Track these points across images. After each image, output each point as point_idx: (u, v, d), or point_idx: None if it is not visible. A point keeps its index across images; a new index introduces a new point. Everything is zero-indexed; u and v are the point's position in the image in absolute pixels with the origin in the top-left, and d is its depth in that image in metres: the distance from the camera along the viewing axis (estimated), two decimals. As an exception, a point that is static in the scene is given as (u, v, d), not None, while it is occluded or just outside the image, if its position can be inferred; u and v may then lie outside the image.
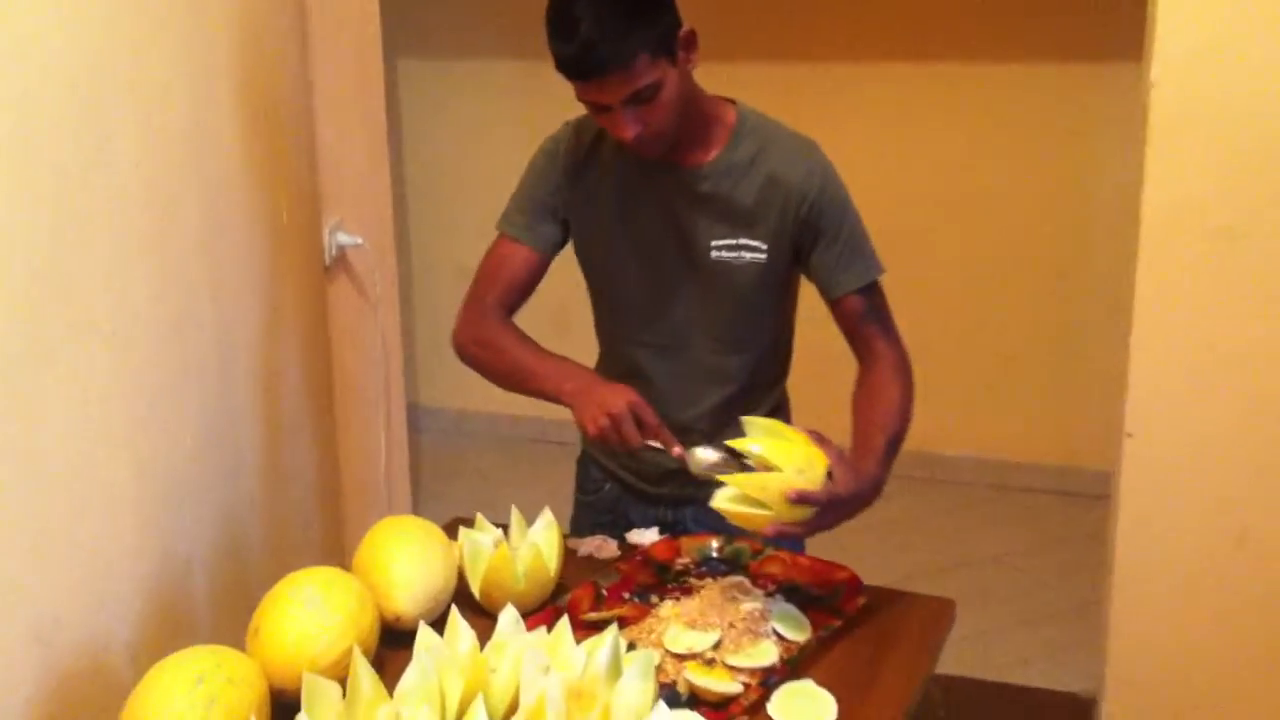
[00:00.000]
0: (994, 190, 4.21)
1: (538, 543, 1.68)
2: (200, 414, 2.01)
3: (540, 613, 1.64)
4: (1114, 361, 2.48)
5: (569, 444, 2.15)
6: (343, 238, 2.84)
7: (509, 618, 1.50)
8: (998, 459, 4.33)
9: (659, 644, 1.58)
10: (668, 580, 1.77)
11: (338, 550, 2.65)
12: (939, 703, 2.88)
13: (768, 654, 1.56)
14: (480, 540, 1.71)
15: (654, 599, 1.72)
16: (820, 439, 1.63)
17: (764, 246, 1.82)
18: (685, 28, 1.70)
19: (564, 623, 1.50)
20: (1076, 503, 4.16)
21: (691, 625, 1.60)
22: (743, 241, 1.82)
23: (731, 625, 1.60)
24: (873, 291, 1.84)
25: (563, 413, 1.82)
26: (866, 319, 1.82)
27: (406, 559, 1.62)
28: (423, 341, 4.78)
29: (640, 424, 1.71)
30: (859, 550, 2.18)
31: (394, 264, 3.11)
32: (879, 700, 1.51)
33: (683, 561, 1.82)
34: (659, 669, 1.51)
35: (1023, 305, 4.27)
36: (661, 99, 1.68)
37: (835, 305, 1.84)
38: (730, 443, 1.64)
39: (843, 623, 1.64)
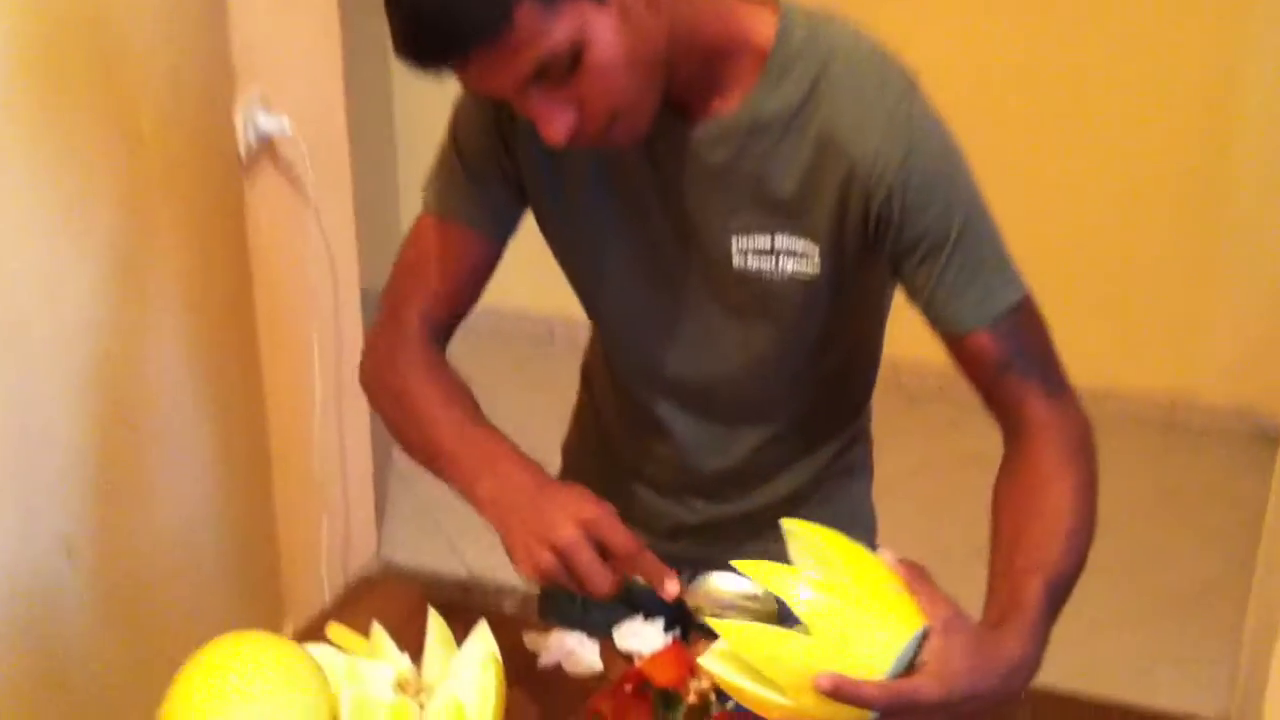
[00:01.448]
0: (1111, 69, 3.40)
1: (459, 697, 1.03)
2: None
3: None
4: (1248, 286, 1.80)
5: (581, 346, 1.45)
6: (265, 121, 2.13)
7: None
8: (1103, 386, 3.60)
9: None
10: (675, 721, 1.12)
11: (269, 604, 2.02)
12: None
13: None
14: (371, 684, 1.06)
15: (650, 765, 1.08)
16: (917, 578, 0.94)
17: (814, 250, 1.11)
18: None
19: None
20: (1197, 443, 3.47)
21: None
22: (781, 242, 1.11)
23: None
24: (1015, 320, 1.09)
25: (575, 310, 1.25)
26: (1007, 368, 1.09)
27: (237, 729, 0.97)
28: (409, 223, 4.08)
29: (606, 551, 1.04)
30: (948, 492, 1.51)
31: (345, 150, 2.40)
32: None
33: (700, 687, 1.15)
34: None
35: (1143, 216, 3.50)
36: (593, 62, 0.96)
37: (952, 346, 1.12)
38: (744, 567, 0.95)
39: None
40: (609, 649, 1.22)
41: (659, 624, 1.22)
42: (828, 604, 0.90)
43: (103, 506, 1.72)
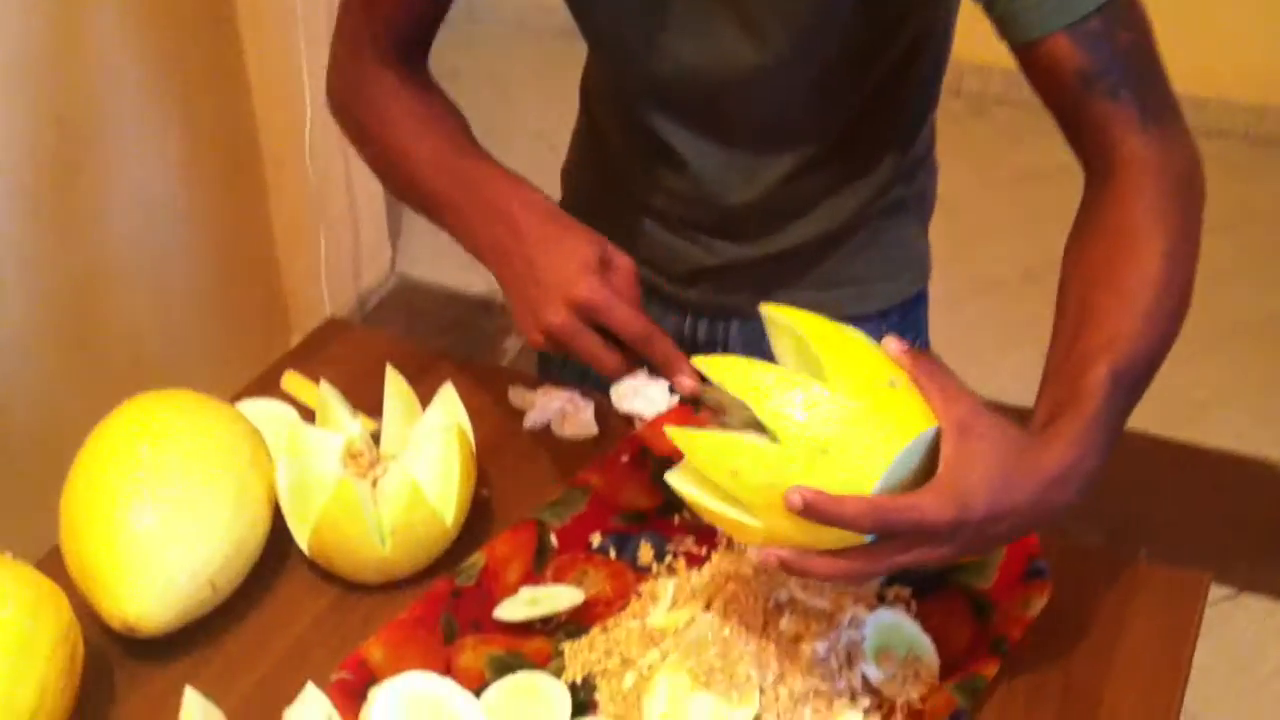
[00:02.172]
0: None
1: (415, 476, 0.87)
2: None
3: (427, 582, 0.88)
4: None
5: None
6: None
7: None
8: (1181, 93, 3.28)
9: (633, 705, 0.81)
10: (676, 502, 0.96)
11: (269, 322, 1.85)
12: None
13: (849, 751, 0.78)
14: (315, 456, 0.90)
15: (642, 552, 0.93)
16: (927, 371, 0.74)
17: None
18: None
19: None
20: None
21: (702, 677, 0.81)
22: None
23: (781, 679, 0.81)
24: (1106, 22, 0.83)
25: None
26: (1091, 85, 0.83)
27: (156, 510, 0.82)
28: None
29: (612, 329, 0.86)
30: (1008, 211, 1.32)
31: None
32: None
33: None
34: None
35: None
36: None
37: (1024, 56, 0.86)
38: (701, 364, 0.76)
39: (1003, 659, 0.83)
40: (606, 410, 1.05)
41: (664, 382, 1.04)
42: (804, 406, 0.70)
43: (37, 222, 1.54)
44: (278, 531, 0.89)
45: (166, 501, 0.82)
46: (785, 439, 0.70)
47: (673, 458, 0.94)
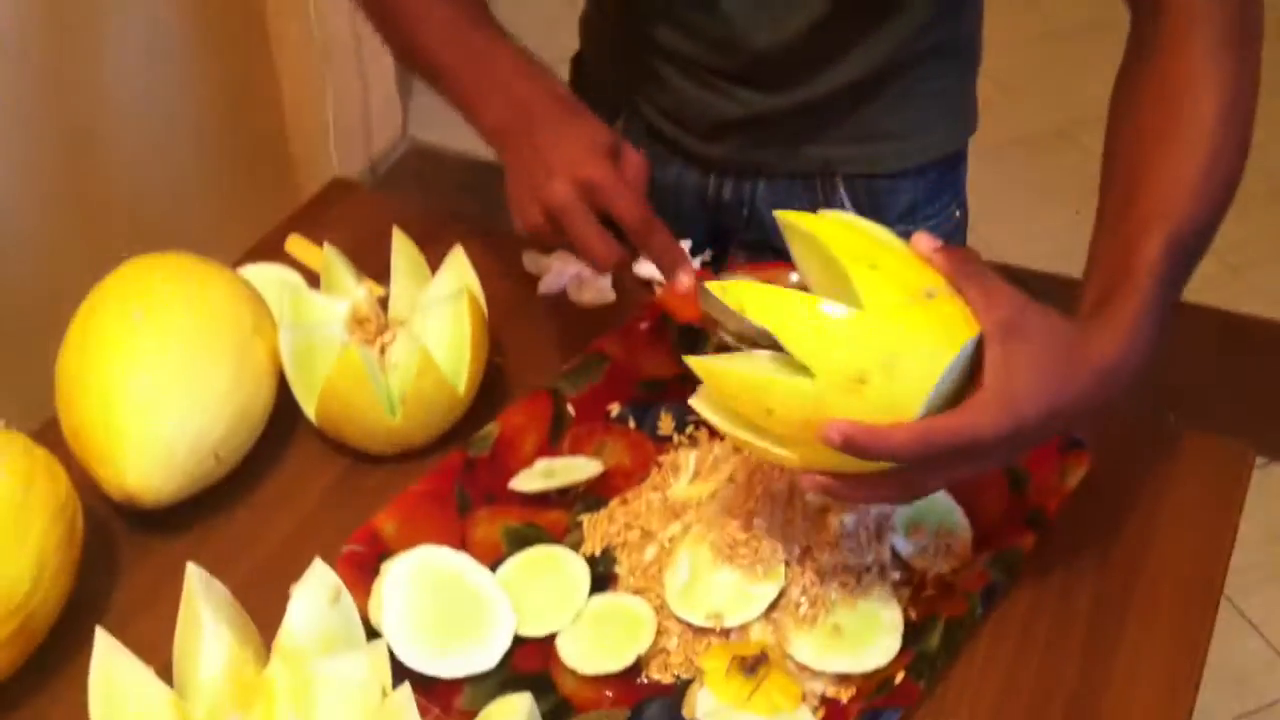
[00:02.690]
0: None
1: (425, 342, 0.83)
2: None
3: (440, 453, 0.85)
4: None
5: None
6: None
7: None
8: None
9: (654, 579, 0.78)
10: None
11: (277, 186, 1.79)
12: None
13: (878, 628, 0.75)
14: (320, 325, 0.86)
15: (662, 422, 0.89)
16: (965, 271, 0.67)
17: None
18: None
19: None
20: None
21: (725, 550, 0.77)
22: None
23: (807, 553, 0.77)
24: None
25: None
26: None
27: (151, 376, 0.78)
28: None
29: (614, 215, 0.79)
30: (1038, 68, 1.25)
31: None
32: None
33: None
34: (653, 654, 0.74)
35: None
36: None
37: None
38: (717, 289, 0.69)
39: (1039, 532, 0.80)
40: (623, 275, 1.00)
41: (686, 245, 1.00)
42: (835, 335, 0.64)
43: (28, 75, 1.47)
44: (285, 401, 0.86)
45: (162, 368, 0.78)
46: (820, 373, 0.64)
47: (694, 324, 0.91)
